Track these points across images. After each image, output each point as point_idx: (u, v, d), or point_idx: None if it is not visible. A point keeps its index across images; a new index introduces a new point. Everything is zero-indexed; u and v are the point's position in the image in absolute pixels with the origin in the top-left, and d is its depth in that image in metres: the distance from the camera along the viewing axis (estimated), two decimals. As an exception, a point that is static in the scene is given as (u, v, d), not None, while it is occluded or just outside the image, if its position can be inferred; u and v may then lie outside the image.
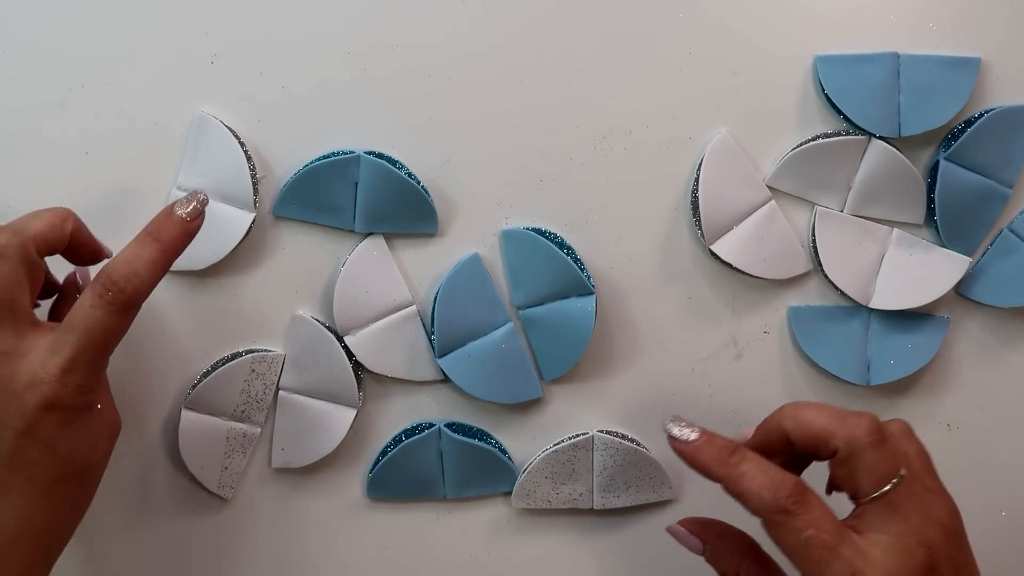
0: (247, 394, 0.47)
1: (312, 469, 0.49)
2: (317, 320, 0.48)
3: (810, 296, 0.49)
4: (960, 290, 0.49)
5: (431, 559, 0.50)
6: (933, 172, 0.48)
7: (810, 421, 0.37)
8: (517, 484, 0.48)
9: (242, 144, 0.46)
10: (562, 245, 0.47)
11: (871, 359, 0.48)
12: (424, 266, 0.48)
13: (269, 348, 0.48)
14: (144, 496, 0.49)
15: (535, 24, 0.47)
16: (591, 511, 0.50)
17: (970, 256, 0.48)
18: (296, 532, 0.49)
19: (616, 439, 0.48)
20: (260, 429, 0.48)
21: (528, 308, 0.47)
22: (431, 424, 0.48)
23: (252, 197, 0.46)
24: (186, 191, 0.46)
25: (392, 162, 0.46)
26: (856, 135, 0.47)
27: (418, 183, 0.46)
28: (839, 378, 0.48)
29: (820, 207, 0.48)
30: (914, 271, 0.48)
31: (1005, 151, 0.47)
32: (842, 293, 0.48)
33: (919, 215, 0.48)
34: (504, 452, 0.49)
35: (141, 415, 0.48)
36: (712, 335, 0.49)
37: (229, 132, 0.46)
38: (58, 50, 0.46)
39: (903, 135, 0.47)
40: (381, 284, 0.47)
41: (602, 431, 0.48)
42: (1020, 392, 0.50)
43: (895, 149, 0.47)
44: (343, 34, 0.46)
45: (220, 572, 0.49)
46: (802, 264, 0.48)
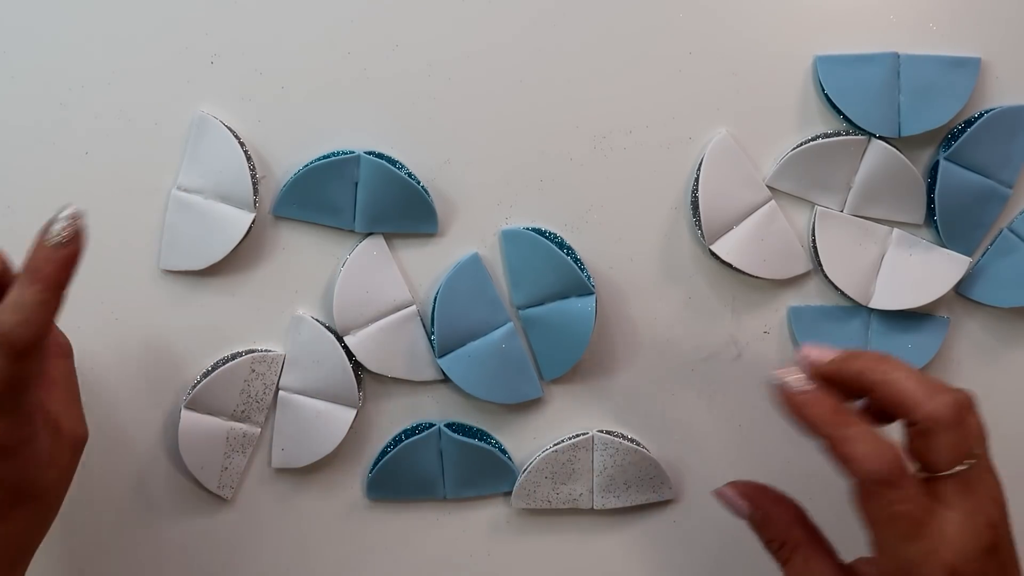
0: (247, 394, 0.47)
1: (312, 469, 0.48)
2: (317, 320, 0.48)
3: (810, 296, 0.49)
4: (960, 290, 0.49)
5: (431, 559, 0.50)
6: (933, 172, 0.48)
7: (900, 385, 0.35)
8: (517, 484, 0.48)
9: (242, 144, 0.46)
10: (562, 245, 0.47)
11: (871, 359, 0.48)
12: (424, 266, 0.48)
13: (269, 348, 0.48)
14: (144, 496, 0.49)
15: (535, 24, 0.47)
16: (591, 511, 0.49)
17: (970, 256, 0.48)
18: (296, 532, 0.49)
19: (616, 439, 0.48)
20: (260, 429, 0.48)
21: (528, 308, 0.47)
22: (431, 424, 0.48)
23: (252, 197, 0.46)
24: (186, 191, 0.46)
25: (392, 162, 0.46)
26: (856, 135, 0.47)
27: (418, 183, 0.46)
28: (839, 378, 0.48)
29: (820, 207, 0.48)
30: (914, 271, 0.48)
31: (1005, 151, 0.47)
32: (842, 293, 0.48)
33: (919, 215, 0.48)
34: (504, 452, 0.49)
35: (141, 415, 0.48)
36: (712, 335, 0.49)
37: (229, 132, 0.46)
38: (58, 50, 0.46)
39: (903, 135, 0.46)
40: (381, 284, 0.47)
41: (602, 431, 0.48)
42: (1020, 392, 0.50)
43: (895, 149, 0.47)
44: (343, 34, 0.46)
45: (220, 572, 0.49)
46: (802, 264, 0.48)
